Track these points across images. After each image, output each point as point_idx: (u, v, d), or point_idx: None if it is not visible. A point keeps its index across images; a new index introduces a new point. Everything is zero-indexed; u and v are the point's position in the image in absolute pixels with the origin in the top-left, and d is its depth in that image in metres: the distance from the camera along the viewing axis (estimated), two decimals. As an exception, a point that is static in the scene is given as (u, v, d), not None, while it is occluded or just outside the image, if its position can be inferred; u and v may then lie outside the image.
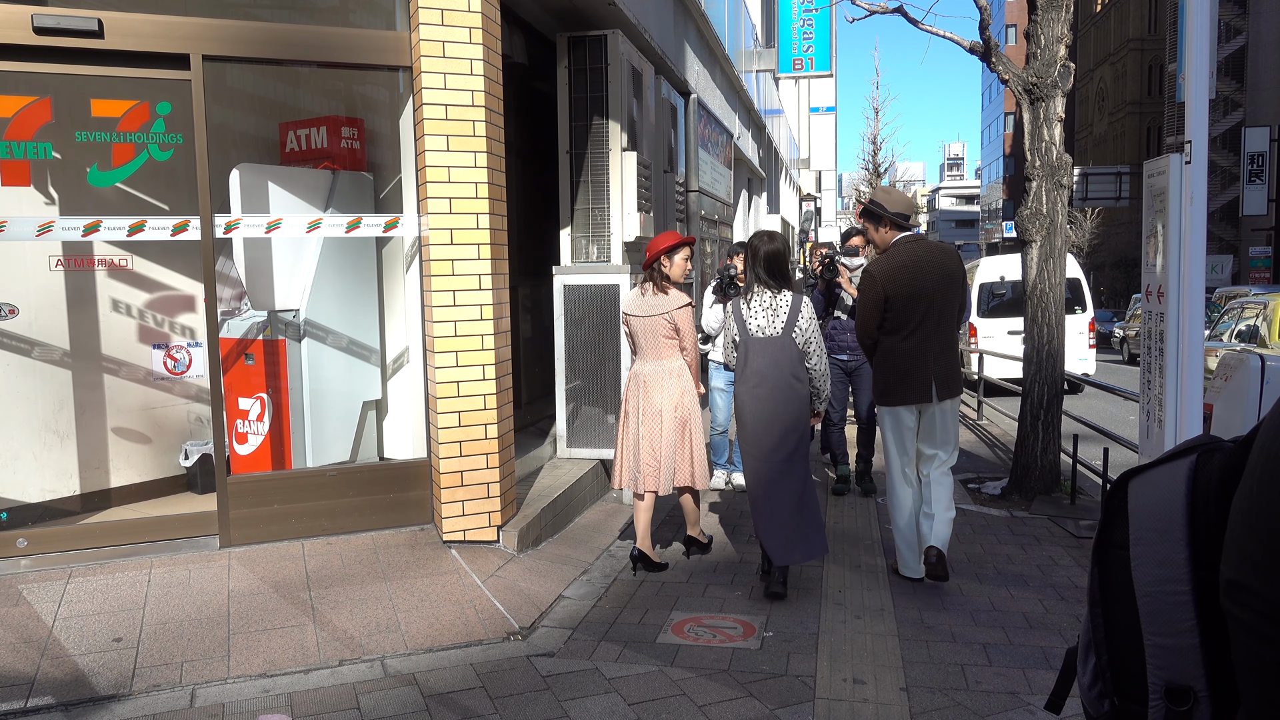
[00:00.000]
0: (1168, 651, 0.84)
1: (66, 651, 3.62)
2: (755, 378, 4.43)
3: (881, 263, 4.62)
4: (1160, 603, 0.85)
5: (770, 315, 4.44)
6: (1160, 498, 0.86)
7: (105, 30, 4.23)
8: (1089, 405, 11.84)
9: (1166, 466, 0.88)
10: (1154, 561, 0.85)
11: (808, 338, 4.42)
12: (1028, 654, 3.80)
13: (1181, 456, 0.87)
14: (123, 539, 4.50)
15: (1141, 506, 0.88)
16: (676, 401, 4.76)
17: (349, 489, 4.84)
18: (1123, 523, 0.90)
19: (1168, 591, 0.84)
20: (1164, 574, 0.84)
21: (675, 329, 4.75)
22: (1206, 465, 0.85)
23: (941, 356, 4.56)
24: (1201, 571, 0.82)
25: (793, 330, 4.41)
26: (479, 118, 4.69)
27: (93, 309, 5.08)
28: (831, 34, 17.22)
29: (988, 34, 6.51)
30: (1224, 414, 3.44)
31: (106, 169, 4.90)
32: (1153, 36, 42.18)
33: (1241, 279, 29.54)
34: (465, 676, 3.59)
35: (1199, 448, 0.87)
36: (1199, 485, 0.84)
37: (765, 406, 4.41)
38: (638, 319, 4.80)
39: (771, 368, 4.40)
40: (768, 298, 4.47)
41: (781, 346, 4.41)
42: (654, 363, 4.80)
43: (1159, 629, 0.85)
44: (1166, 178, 3.58)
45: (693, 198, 9.49)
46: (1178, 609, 0.83)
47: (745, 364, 4.46)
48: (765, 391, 4.41)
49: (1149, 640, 0.86)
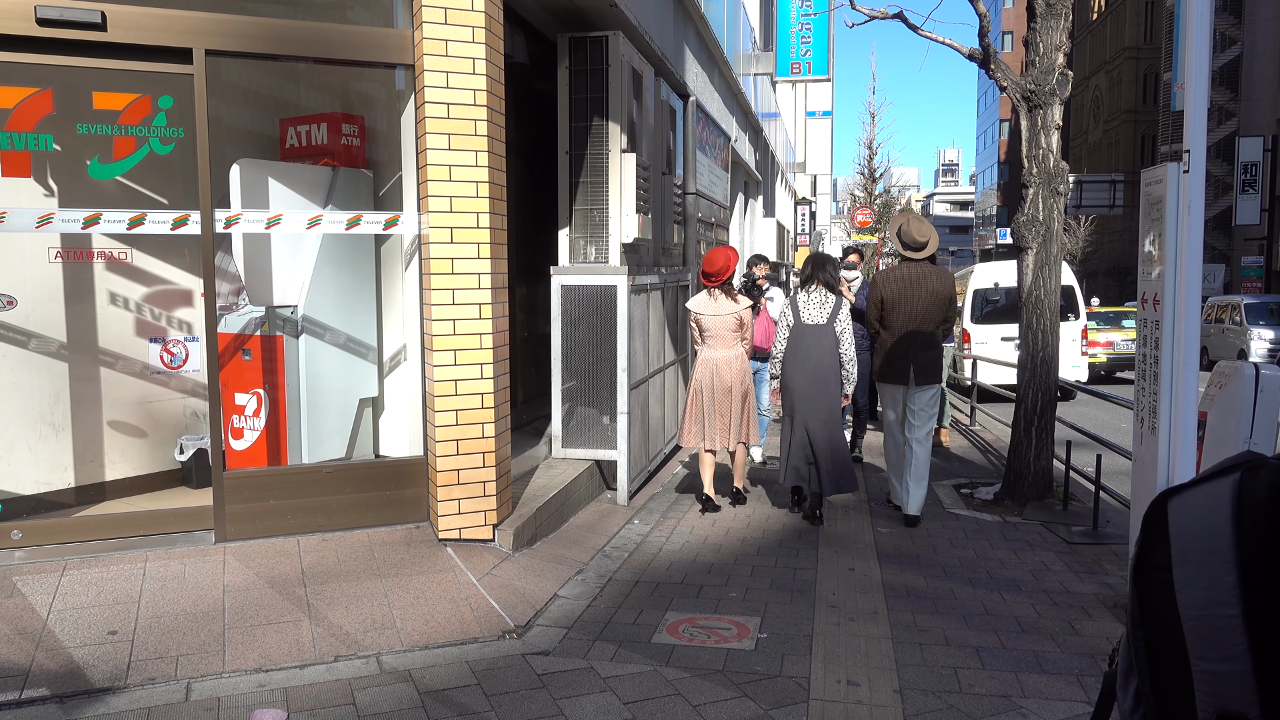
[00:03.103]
0: (1218, 677, 0.80)
1: (61, 644, 3.62)
2: (803, 354, 5.88)
3: (886, 274, 6.12)
4: (1209, 626, 0.81)
5: (820, 308, 5.93)
6: (1204, 518, 0.83)
7: (108, 23, 4.22)
8: (1081, 412, 11.89)
9: (1208, 485, 0.85)
10: (1200, 584, 0.82)
11: (843, 328, 5.90)
12: (1020, 657, 3.83)
13: (1224, 475, 0.84)
14: (118, 532, 4.50)
15: (1185, 527, 0.85)
16: (741, 378, 6.15)
17: (345, 486, 4.84)
18: (1163, 543, 0.86)
19: (1216, 615, 0.81)
20: (1212, 597, 0.81)
21: (740, 324, 6.14)
22: (1252, 483, 0.81)
23: (920, 352, 5.96)
24: (1251, 594, 0.79)
25: (835, 321, 5.89)
26: (480, 116, 4.70)
27: (91, 302, 5.08)
28: (830, 38, 17.26)
29: (987, 41, 6.54)
30: (1218, 422, 3.47)
31: (107, 162, 4.90)
32: (1148, 45, 42.36)
33: (1234, 288, 29.68)
34: (461, 674, 3.60)
35: (1242, 465, 0.83)
36: (1245, 504, 0.81)
37: (812, 379, 5.85)
38: (710, 318, 6.14)
39: (816, 347, 5.87)
40: (818, 296, 5.95)
41: (825, 333, 5.88)
42: (723, 350, 6.14)
43: (1208, 654, 0.81)
44: (1164, 186, 3.61)
45: (690, 200, 9.51)
46: (1228, 633, 0.80)
47: (796, 344, 5.90)
48: (811, 365, 5.86)
49: (1197, 665, 0.82)
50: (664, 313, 7.67)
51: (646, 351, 6.94)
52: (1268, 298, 22.50)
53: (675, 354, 8.23)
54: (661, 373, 7.56)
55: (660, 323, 7.52)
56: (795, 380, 5.89)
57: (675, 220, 8.72)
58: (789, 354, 5.94)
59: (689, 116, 9.52)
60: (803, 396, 5.85)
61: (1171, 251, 3.48)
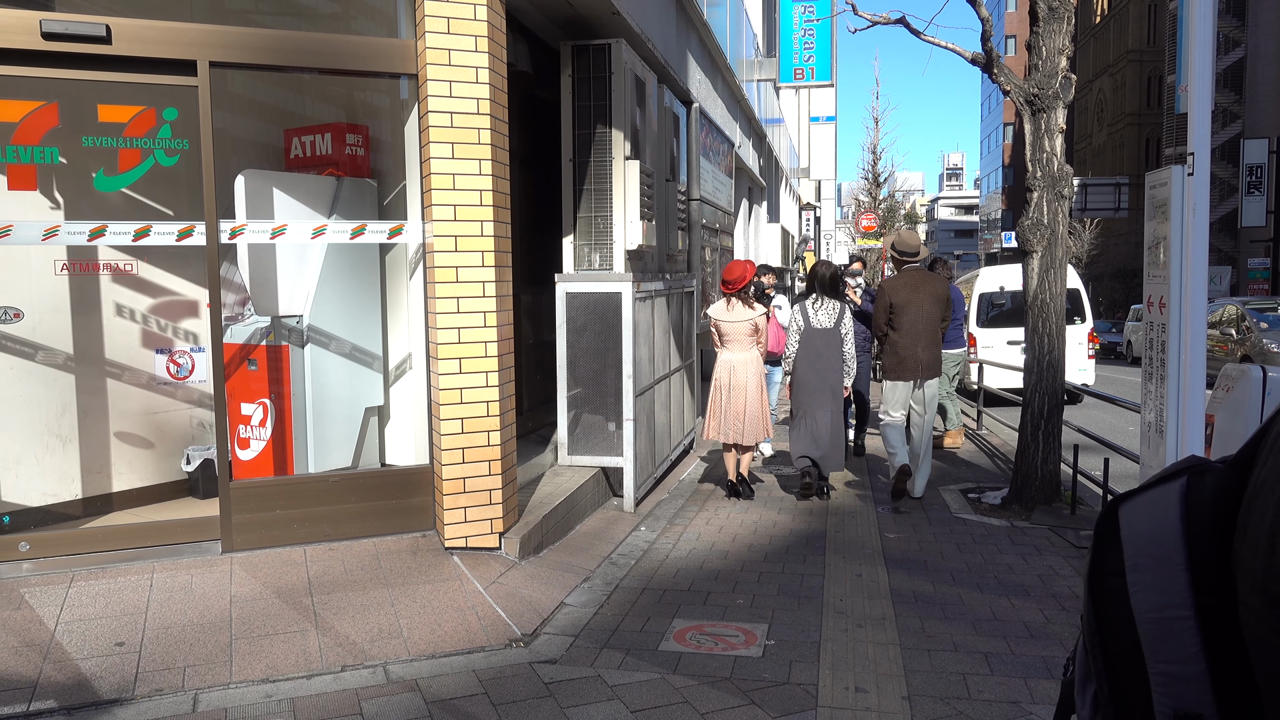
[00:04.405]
0: (1174, 679, 0.82)
1: (69, 656, 3.62)
2: (814, 354, 6.69)
3: (892, 280, 6.86)
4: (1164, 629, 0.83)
5: (827, 315, 6.74)
6: (1155, 522, 0.85)
7: (113, 36, 4.25)
8: (1088, 415, 11.85)
9: (1156, 490, 0.86)
10: (1153, 589, 0.84)
11: (847, 330, 6.73)
12: (1029, 663, 3.81)
13: (1171, 480, 0.85)
14: (125, 543, 4.51)
15: (1136, 532, 0.86)
16: (756, 379, 6.77)
17: (351, 495, 4.84)
18: (1116, 549, 0.88)
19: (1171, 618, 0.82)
20: (1165, 600, 0.82)
21: (755, 329, 6.77)
22: (1198, 486, 0.83)
23: (927, 350, 6.71)
24: (1203, 596, 0.81)
25: (840, 325, 6.72)
26: (484, 125, 4.71)
27: (97, 314, 5.09)
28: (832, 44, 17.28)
29: (989, 45, 6.54)
30: (1225, 425, 3.45)
31: (113, 174, 4.92)
32: (1152, 48, 42.33)
33: (1240, 290, 29.58)
34: (468, 683, 3.59)
35: (1187, 470, 0.85)
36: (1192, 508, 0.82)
37: (821, 374, 6.69)
38: (728, 324, 6.76)
39: (824, 348, 6.70)
40: (825, 303, 6.75)
41: (833, 335, 6.71)
42: (741, 353, 6.77)
43: (1164, 656, 0.83)
44: (1169, 189, 3.60)
45: (694, 206, 9.51)
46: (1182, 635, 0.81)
47: (806, 345, 6.71)
48: (820, 364, 6.69)
49: (1153, 668, 0.84)
50: (669, 319, 7.67)
51: (651, 358, 6.94)
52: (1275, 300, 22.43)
53: (680, 360, 8.22)
54: (667, 379, 7.55)
55: (665, 329, 7.52)
56: (806, 377, 6.72)
57: (679, 227, 8.72)
58: (800, 355, 6.74)
59: (692, 123, 9.52)
60: (812, 390, 6.70)
61: (1176, 254, 3.47)
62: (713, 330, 6.91)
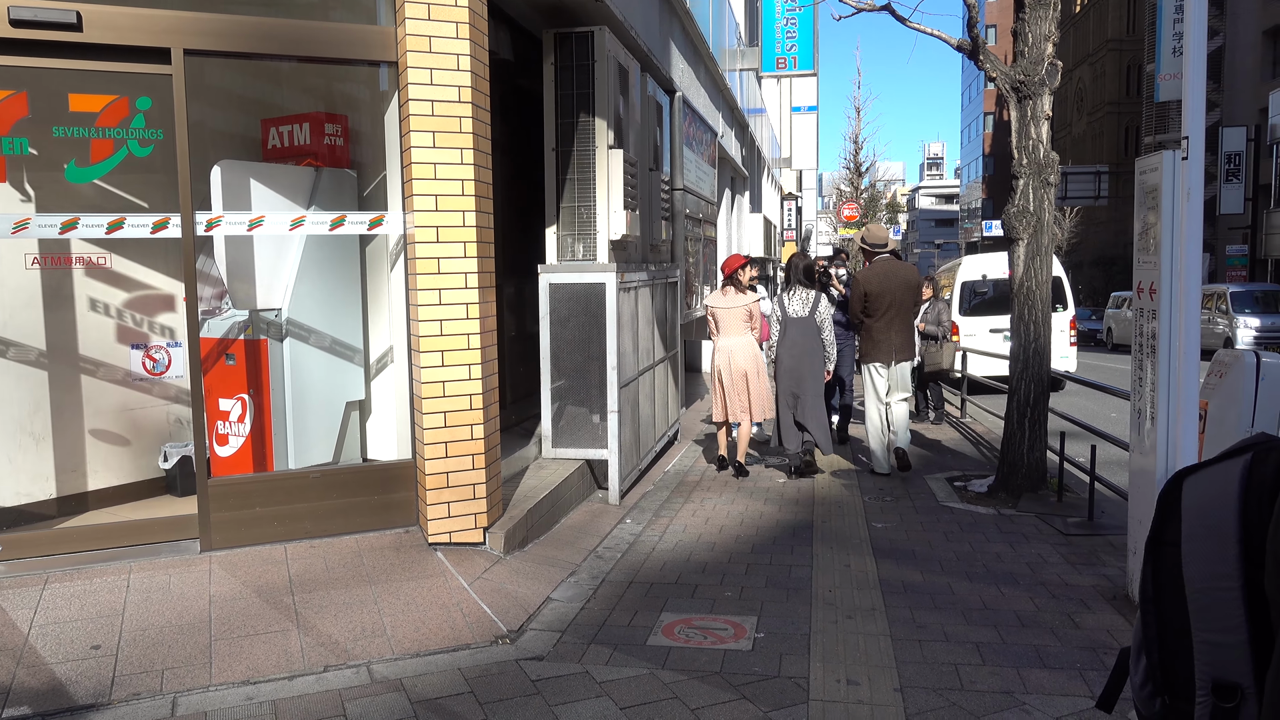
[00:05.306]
0: (1216, 648, 0.84)
1: (43, 660, 3.53)
2: (790, 342, 7.05)
3: (865, 272, 7.33)
4: (1210, 599, 0.85)
5: (802, 304, 7.07)
6: (1213, 495, 0.86)
7: (84, 23, 4.13)
8: (1071, 402, 11.88)
9: (1221, 465, 0.88)
10: (1205, 558, 0.85)
11: (824, 319, 7.07)
12: (1021, 653, 3.78)
13: (1237, 455, 0.87)
14: (101, 543, 4.41)
15: (1194, 504, 0.88)
16: (753, 361, 7.17)
17: (332, 491, 4.76)
18: (1176, 520, 0.90)
19: (1218, 588, 0.84)
20: (1215, 570, 0.85)
21: (749, 315, 7.16)
22: (1263, 463, 0.84)
23: (900, 334, 7.15)
24: (1252, 569, 0.82)
25: (815, 313, 7.05)
26: (465, 114, 4.62)
27: (70, 308, 4.98)
28: (814, 33, 17.23)
29: (975, 31, 6.49)
30: (1218, 411, 3.43)
31: (84, 165, 4.80)
32: (1131, 37, 42.51)
33: (1219, 277, 29.81)
34: (453, 681, 3.53)
35: (1254, 446, 0.86)
36: (1253, 483, 0.84)
37: (799, 360, 7.02)
38: (723, 310, 7.17)
39: (801, 336, 7.03)
40: (800, 292, 7.10)
41: (809, 323, 7.04)
42: (736, 338, 7.18)
43: (1208, 625, 0.85)
44: (1159, 175, 3.56)
45: (678, 196, 9.45)
46: (1228, 605, 0.83)
47: (785, 334, 7.06)
48: (799, 351, 7.02)
49: (1198, 637, 0.86)
50: (653, 310, 7.61)
51: (636, 349, 6.88)
52: (1254, 286, 22.61)
53: (665, 351, 8.17)
54: (651, 370, 7.50)
55: (649, 320, 7.46)
56: (787, 364, 7.08)
57: (663, 216, 8.66)
58: (781, 342, 7.11)
59: (675, 112, 9.45)
60: (793, 375, 7.04)
61: (1168, 239, 3.43)
62: (710, 317, 7.29)
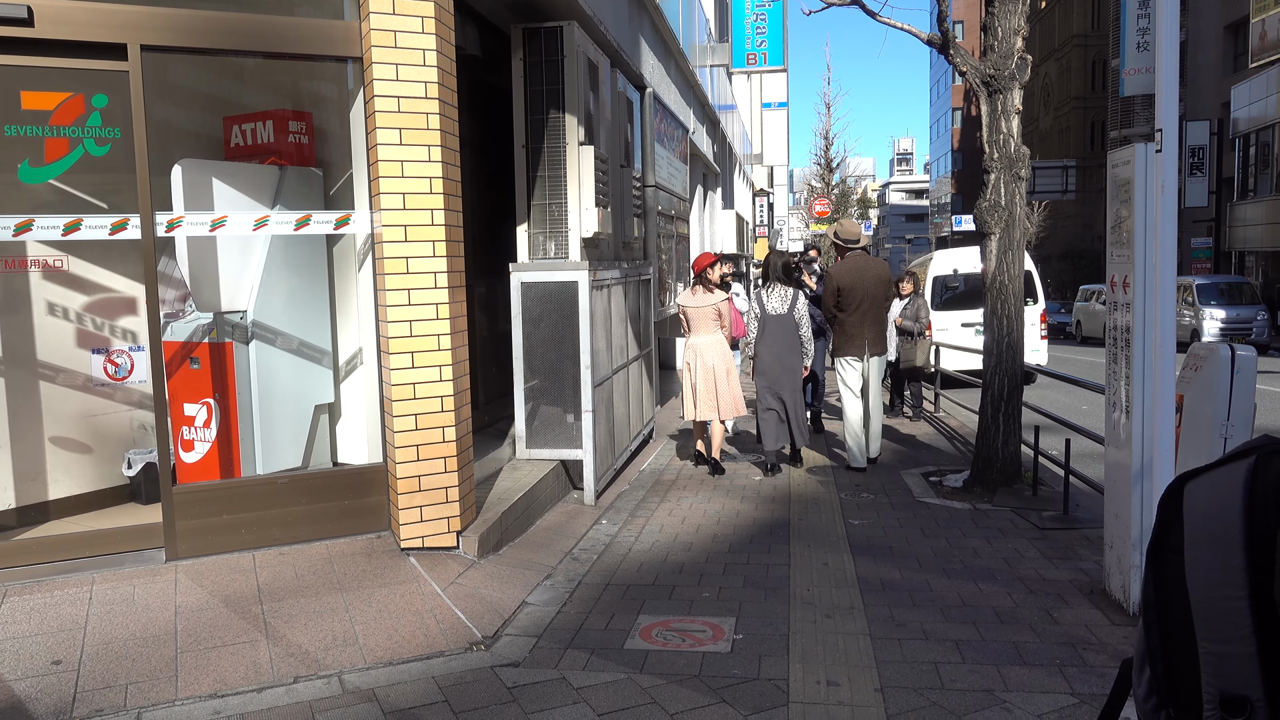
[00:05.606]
0: (1223, 659, 0.80)
1: (1, 677, 3.42)
2: (770, 339, 7.11)
3: (838, 267, 7.41)
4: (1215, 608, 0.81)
5: (781, 301, 7.14)
6: (1216, 500, 0.82)
7: (35, 18, 4.00)
8: (1042, 395, 11.97)
9: (1224, 469, 0.83)
10: (1209, 566, 0.81)
11: (802, 315, 7.14)
12: (1001, 650, 3.77)
13: (1240, 458, 0.83)
14: (62, 554, 4.28)
15: (1197, 509, 0.84)
16: (722, 360, 7.17)
17: (301, 497, 4.67)
18: (1178, 526, 0.86)
19: (1223, 597, 0.80)
20: (1219, 579, 0.81)
21: (718, 314, 7.16)
22: (1267, 468, 0.80)
23: (872, 328, 7.26)
24: (1259, 576, 0.78)
25: (794, 311, 7.13)
26: (433, 110, 4.54)
27: (27, 312, 4.84)
28: (784, 29, 17.24)
29: (945, 25, 6.49)
30: (1194, 405, 3.42)
31: (39, 165, 4.66)
32: (1096, 33, 42.93)
33: (1184, 269, 30.17)
34: (427, 690, 3.46)
35: (1258, 449, 0.82)
36: (1258, 487, 0.80)
37: (778, 357, 7.11)
38: (693, 309, 7.18)
39: (780, 333, 7.11)
40: (778, 289, 7.17)
41: (787, 320, 7.13)
42: (705, 336, 7.18)
43: (1214, 636, 0.81)
44: (1131, 168, 3.55)
45: (649, 192, 9.39)
46: (1233, 615, 0.80)
47: (764, 331, 7.12)
48: (778, 349, 7.11)
49: (1203, 648, 0.82)
50: (626, 308, 7.55)
51: (610, 347, 6.82)
52: (1219, 278, 22.93)
53: (639, 349, 8.11)
54: (625, 369, 7.44)
55: (622, 318, 7.40)
56: (766, 360, 7.13)
57: (635, 213, 8.61)
58: (759, 340, 7.14)
59: (646, 108, 9.40)
60: (773, 372, 7.10)
61: (1141, 233, 3.42)
62: (681, 316, 7.36)
